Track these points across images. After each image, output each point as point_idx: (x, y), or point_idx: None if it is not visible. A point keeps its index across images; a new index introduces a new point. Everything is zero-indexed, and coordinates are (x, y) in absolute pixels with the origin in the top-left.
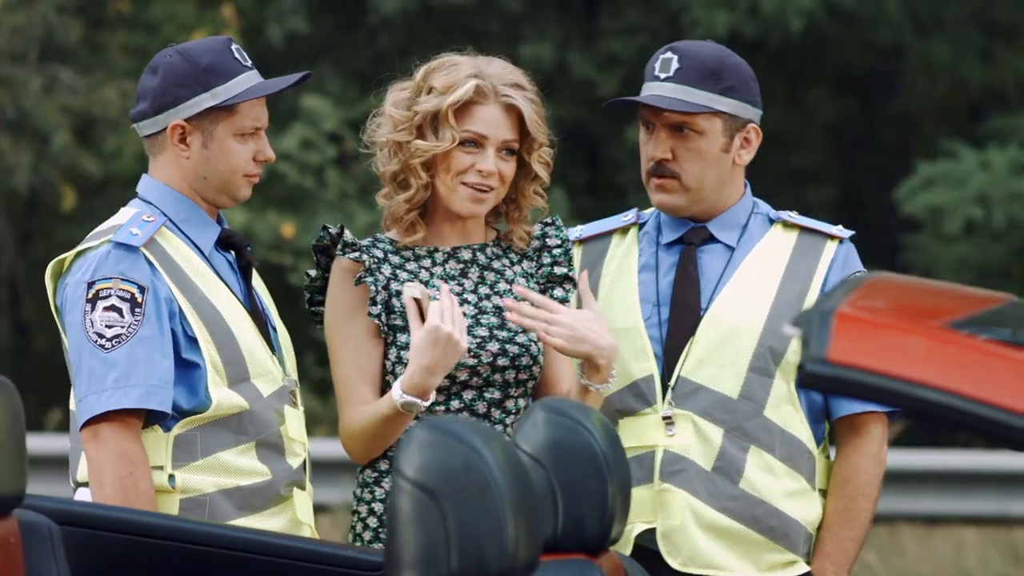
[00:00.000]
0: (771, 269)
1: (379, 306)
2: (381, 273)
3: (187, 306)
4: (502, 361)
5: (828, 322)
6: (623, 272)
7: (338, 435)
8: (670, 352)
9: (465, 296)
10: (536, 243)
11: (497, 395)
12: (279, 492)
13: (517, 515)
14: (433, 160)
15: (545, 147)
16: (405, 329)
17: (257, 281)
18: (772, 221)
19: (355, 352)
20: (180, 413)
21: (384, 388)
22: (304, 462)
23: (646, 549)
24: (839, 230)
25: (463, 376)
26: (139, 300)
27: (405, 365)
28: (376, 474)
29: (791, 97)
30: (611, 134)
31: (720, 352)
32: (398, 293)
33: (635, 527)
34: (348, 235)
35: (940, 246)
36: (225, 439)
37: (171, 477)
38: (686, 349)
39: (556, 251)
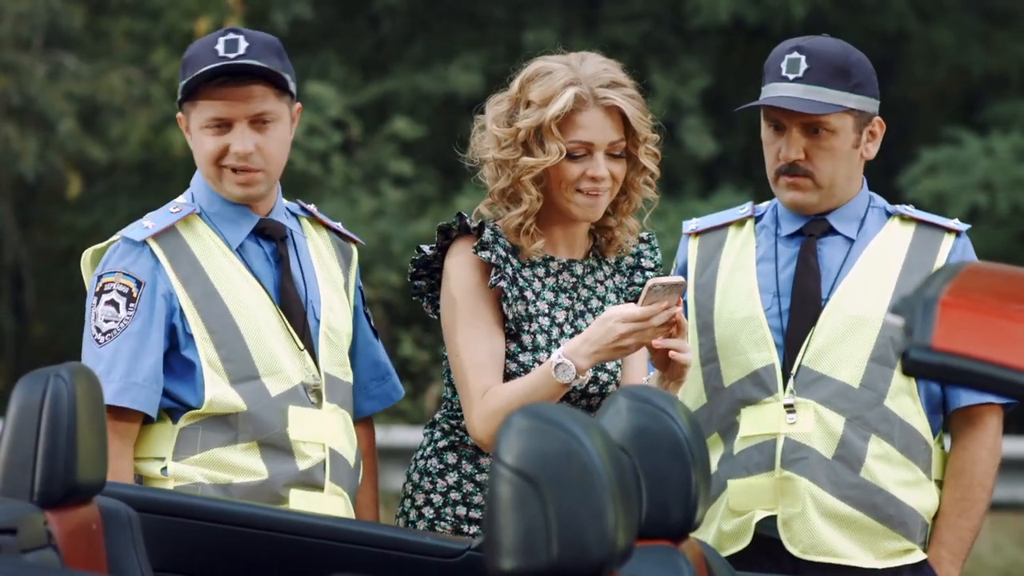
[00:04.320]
0: (890, 261)
1: (511, 311)
2: (507, 273)
3: (187, 303)
4: (592, 388)
5: (932, 310)
6: (741, 263)
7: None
8: (791, 342)
9: (570, 313)
10: (630, 260)
11: None
12: (277, 493)
13: (617, 502)
14: (544, 173)
15: (650, 139)
16: (515, 337)
17: (325, 267)
18: (889, 214)
19: (486, 335)
20: (183, 407)
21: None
22: (324, 463)
23: (766, 537)
24: (956, 223)
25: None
26: (135, 295)
27: (507, 375)
28: (442, 466)
29: None
30: None
31: (842, 342)
32: (516, 298)
33: (755, 514)
34: (487, 234)
35: None
36: (223, 436)
37: (163, 469)
38: (808, 338)
39: (649, 274)
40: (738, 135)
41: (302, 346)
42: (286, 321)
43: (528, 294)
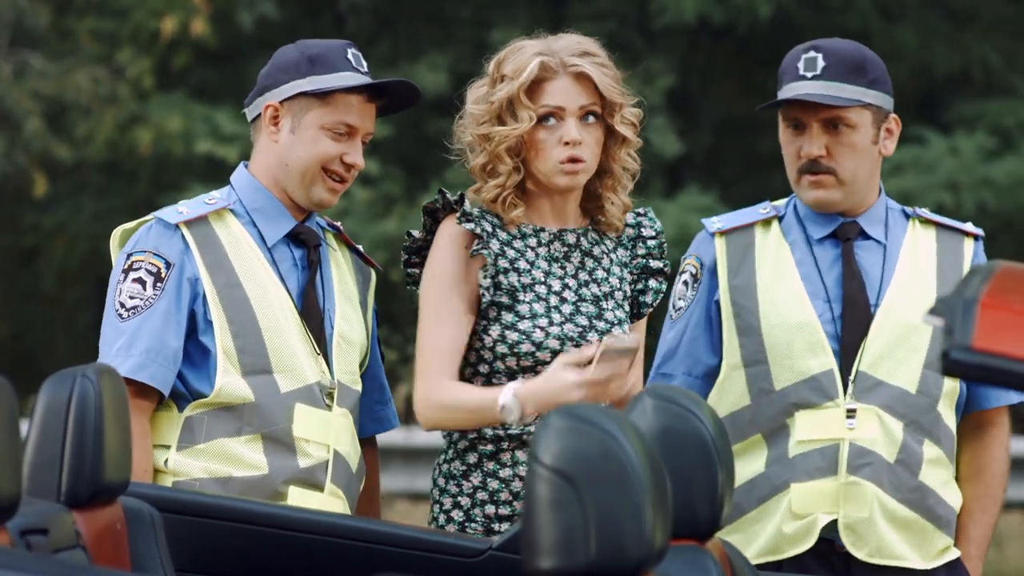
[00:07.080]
0: (925, 267)
1: (489, 279)
2: (491, 248)
3: (211, 290)
4: None
5: (972, 310)
6: (780, 266)
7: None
8: (846, 348)
9: (566, 280)
10: (631, 231)
11: None
12: (276, 489)
13: (653, 501)
14: (520, 145)
15: (628, 108)
16: (510, 308)
17: (344, 281)
18: (908, 216)
19: (454, 323)
20: (191, 395)
21: (477, 363)
22: (327, 463)
23: (824, 539)
24: (971, 227)
25: None
26: (163, 275)
27: (509, 344)
28: (465, 467)
29: (762, 83)
30: None
31: (897, 348)
32: (505, 270)
33: (819, 518)
34: (468, 204)
35: None
36: (229, 427)
37: (165, 461)
38: (863, 345)
39: (651, 243)
40: (703, 135)
41: (318, 350)
42: (304, 324)
43: (522, 264)
